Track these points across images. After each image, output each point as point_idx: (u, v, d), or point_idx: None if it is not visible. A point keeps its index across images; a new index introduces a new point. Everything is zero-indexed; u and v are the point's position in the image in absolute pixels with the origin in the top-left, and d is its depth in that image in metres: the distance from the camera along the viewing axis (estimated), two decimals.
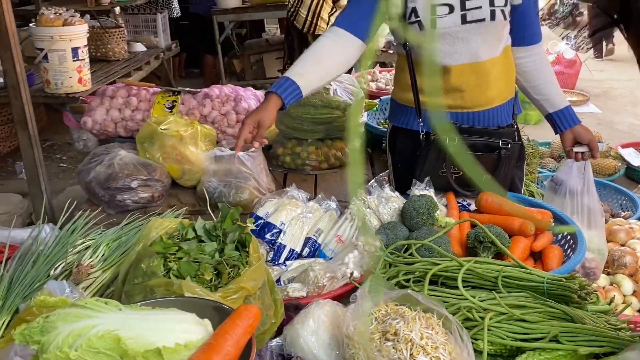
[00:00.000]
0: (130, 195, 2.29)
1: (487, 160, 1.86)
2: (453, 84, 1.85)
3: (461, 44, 1.81)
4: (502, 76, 1.90)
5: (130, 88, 2.69)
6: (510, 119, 1.98)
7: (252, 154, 2.38)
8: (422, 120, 1.92)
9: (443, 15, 1.78)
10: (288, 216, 1.73)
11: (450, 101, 1.88)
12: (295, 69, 1.81)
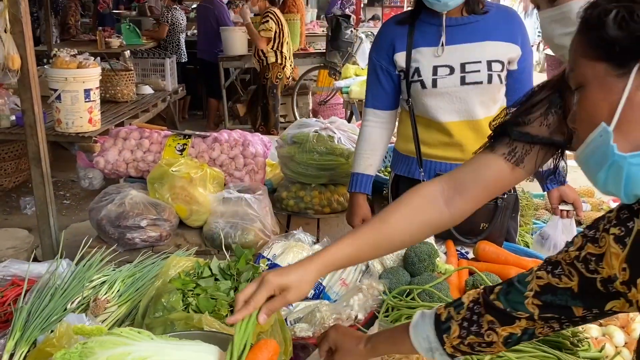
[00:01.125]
0: (140, 233, 2.37)
1: (485, 209, 1.95)
2: (453, 139, 1.97)
3: (459, 102, 1.93)
4: None
5: (143, 130, 2.80)
6: None
7: (258, 196, 2.48)
8: (423, 170, 2.03)
9: (444, 76, 1.91)
10: (295, 258, 1.81)
11: (451, 154, 2.00)
12: (361, 163, 2.09)
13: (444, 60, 1.91)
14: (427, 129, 2.01)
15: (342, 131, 2.90)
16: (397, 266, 1.77)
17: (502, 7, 2.11)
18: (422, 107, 1.98)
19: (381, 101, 2.06)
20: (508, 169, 1.14)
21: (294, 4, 7.76)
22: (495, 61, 1.91)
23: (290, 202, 2.76)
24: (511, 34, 1.94)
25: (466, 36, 1.91)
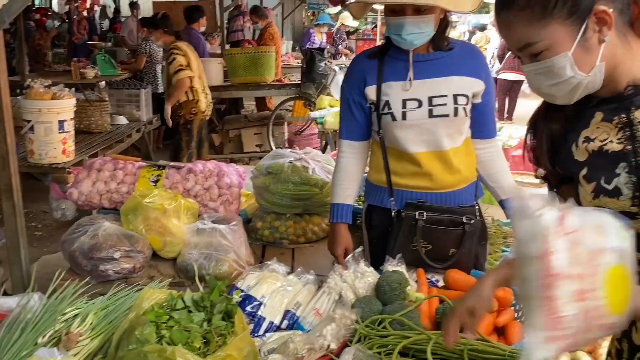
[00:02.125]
0: (113, 265, 2.35)
1: (453, 235, 2.02)
2: (422, 169, 2.04)
3: (427, 134, 2.01)
4: (463, 163, 2.09)
5: (117, 162, 2.81)
6: (472, 200, 2.15)
7: (232, 227, 2.49)
8: (394, 199, 2.09)
9: (413, 109, 1.99)
10: (268, 289, 1.83)
11: (420, 183, 2.07)
12: (340, 194, 2.17)
13: (412, 94, 1.99)
14: (398, 159, 2.08)
15: (317, 162, 2.95)
16: (369, 295, 1.80)
17: (466, 44, 2.21)
18: (393, 139, 2.05)
19: (355, 132, 2.14)
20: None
21: (271, 37, 7.90)
22: (461, 95, 2.00)
23: (265, 232, 2.77)
24: (475, 69, 2.04)
25: (433, 71, 2.00)
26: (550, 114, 1.24)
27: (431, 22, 1.92)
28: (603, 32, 1.07)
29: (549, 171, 1.26)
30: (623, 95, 1.12)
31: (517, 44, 1.12)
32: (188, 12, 6.98)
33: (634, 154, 1.10)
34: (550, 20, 1.07)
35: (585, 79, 1.09)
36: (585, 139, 1.17)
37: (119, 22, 13.63)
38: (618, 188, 1.11)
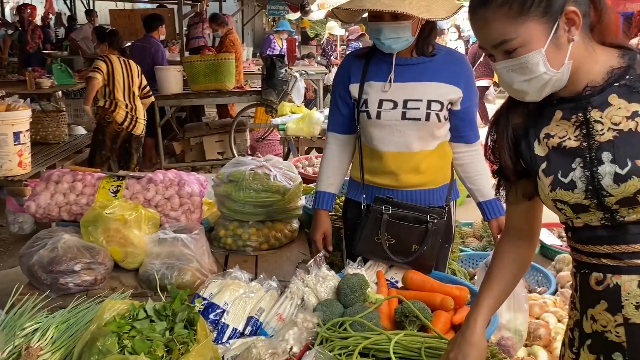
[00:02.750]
0: (73, 278, 2.33)
1: (416, 231, 2.10)
2: (389, 166, 2.14)
3: (399, 135, 2.10)
4: (434, 166, 2.17)
5: (75, 173, 2.78)
6: (442, 201, 2.22)
7: (194, 236, 2.50)
8: (365, 194, 2.20)
9: (387, 110, 2.08)
10: (231, 296, 1.85)
11: (386, 181, 2.17)
12: (323, 182, 2.32)
13: (390, 95, 2.09)
14: (370, 156, 2.19)
15: (278, 169, 2.97)
16: (331, 298, 1.84)
17: (450, 52, 2.25)
18: (368, 136, 2.16)
19: (339, 126, 2.27)
20: (529, 201, 1.37)
21: (232, 45, 7.89)
22: (435, 101, 2.07)
23: (228, 240, 2.78)
24: (454, 77, 2.10)
25: (413, 75, 2.09)
26: (514, 110, 1.31)
27: (408, 28, 1.99)
28: (572, 31, 1.15)
29: (508, 166, 1.33)
30: (581, 95, 1.20)
31: (493, 41, 1.18)
32: (147, 20, 6.93)
33: (589, 150, 1.18)
34: (527, 18, 1.13)
35: (555, 75, 1.16)
36: (545, 135, 1.25)
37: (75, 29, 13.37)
38: (573, 181, 1.19)
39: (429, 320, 1.68)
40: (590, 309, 1.25)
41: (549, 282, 3.35)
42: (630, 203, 1.15)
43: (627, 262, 1.18)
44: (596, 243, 1.22)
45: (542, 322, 2.61)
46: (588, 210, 1.20)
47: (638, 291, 1.17)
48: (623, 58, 1.20)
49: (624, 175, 1.13)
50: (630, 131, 1.14)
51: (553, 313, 2.73)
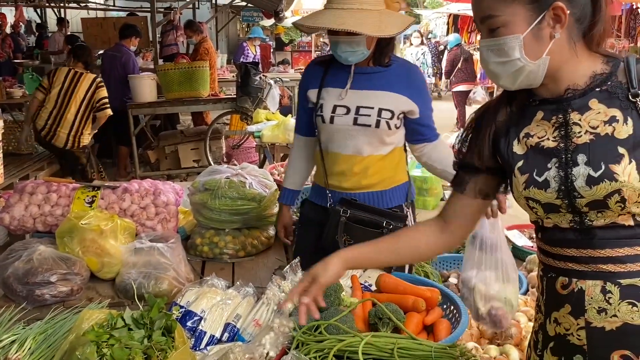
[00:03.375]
0: (50, 289, 2.33)
1: (371, 235, 2.13)
2: (341, 168, 2.26)
3: (350, 139, 2.22)
4: (384, 170, 2.29)
5: (50, 184, 2.78)
6: (399, 202, 2.34)
7: (171, 245, 2.51)
8: (331, 196, 2.32)
9: (340, 115, 2.20)
10: (208, 304, 1.88)
11: (335, 182, 2.30)
12: (288, 180, 2.53)
13: (345, 101, 2.20)
14: (326, 158, 2.30)
15: (253, 176, 3.01)
16: None
17: (405, 63, 2.36)
18: (323, 139, 2.28)
19: (304, 128, 2.41)
20: (480, 201, 1.42)
21: (206, 52, 7.90)
22: (386, 110, 2.18)
23: (204, 248, 2.80)
24: (407, 89, 2.21)
25: (368, 84, 2.19)
26: (499, 108, 1.36)
27: (363, 43, 2.10)
28: (556, 28, 1.19)
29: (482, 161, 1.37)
30: (563, 97, 1.24)
31: (481, 14, 1.23)
32: (122, 28, 6.95)
33: (565, 151, 1.22)
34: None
35: (529, 65, 1.20)
36: (525, 135, 1.29)
37: (46, 37, 13.20)
38: (547, 181, 1.23)
39: (402, 321, 1.73)
40: (555, 312, 1.30)
41: (521, 283, 3.43)
42: (599, 206, 1.19)
43: (592, 267, 1.22)
44: (564, 245, 1.26)
45: (514, 321, 2.69)
46: (559, 210, 1.24)
47: (601, 296, 1.21)
48: (607, 64, 1.24)
49: (597, 177, 1.17)
50: (606, 135, 1.18)
51: (524, 312, 2.81)
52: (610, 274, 1.21)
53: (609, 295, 1.21)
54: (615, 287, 1.20)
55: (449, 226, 1.47)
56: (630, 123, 1.17)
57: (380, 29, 2.04)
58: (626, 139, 1.16)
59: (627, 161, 1.15)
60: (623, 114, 1.18)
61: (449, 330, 1.81)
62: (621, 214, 1.19)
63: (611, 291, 1.21)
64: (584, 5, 1.20)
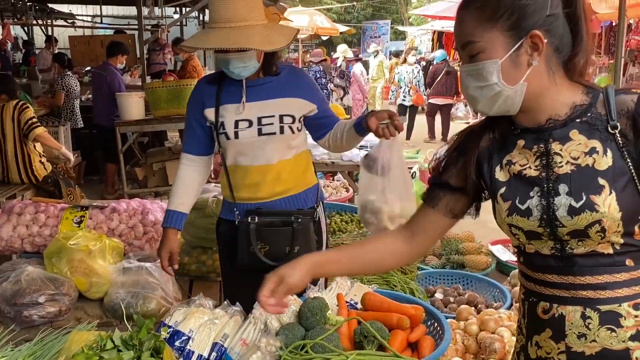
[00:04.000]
0: (38, 310, 2.34)
1: (284, 234, 2.24)
2: (253, 179, 2.28)
3: (258, 150, 2.25)
4: (293, 174, 2.33)
5: (38, 205, 2.80)
6: (311, 203, 2.38)
7: (159, 264, 2.54)
8: (237, 211, 2.31)
9: (244, 129, 2.23)
10: (196, 323, 1.90)
11: (253, 194, 2.30)
12: (173, 201, 2.36)
13: (244, 115, 2.23)
14: (235, 174, 2.31)
15: None
16: (293, 322, 1.91)
17: (291, 69, 2.42)
18: (230, 155, 2.30)
19: (194, 147, 2.36)
20: (448, 219, 1.45)
21: (194, 69, 7.95)
22: (287, 115, 2.25)
23: (192, 267, 2.83)
24: (300, 90, 2.29)
25: (262, 94, 2.25)
26: (482, 133, 1.39)
27: (253, 57, 2.16)
28: (533, 56, 1.22)
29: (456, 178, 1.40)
30: (544, 127, 1.27)
31: (462, 40, 1.27)
32: (110, 45, 6.98)
33: (547, 181, 1.25)
34: (494, 26, 1.21)
35: (506, 90, 1.23)
36: (507, 162, 1.32)
37: (33, 54, 13.19)
38: (530, 209, 1.26)
39: (386, 339, 1.77)
40: (536, 336, 1.33)
41: (505, 298, 3.49)
42: (580, 235, 1.22)
43: (573, 293, 1.25)
44: (545, 271, 1.29)
45: (497, 336, 2.73)
46: (540, 238, 1.27)
47: (581, 322, 1.24)
48: (587, 95, 1.26)
49: (578, 208, 1.20)
50: (587, 166, 1.21)
51: (507, 327, 2.86)
52: (590, 300, 1.24)
53: (588, 321, 1.24)
54: (595, 313, 1.24)
55: (414, 238, 1.48)
56: (609, 154, 1.20)
57: (270, 42, 2.10)
58: (606, 170, 1.20)
59: (608, 192, 1.19)
60: (603, 146, 1.21)
61: (432, 347, 1.85)
62: (601, 243, 1.22)
63: (591, 317, 1.24)
64: (562, 35, 1.24)
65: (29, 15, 12.03)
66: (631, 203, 1.19)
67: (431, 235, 1.49)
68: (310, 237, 2.26)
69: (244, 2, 2.09)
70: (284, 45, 2.13)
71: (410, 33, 20.76)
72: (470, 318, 3.05)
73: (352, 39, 26.93)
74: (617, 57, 4.54)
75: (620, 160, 1.20)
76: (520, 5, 1.20)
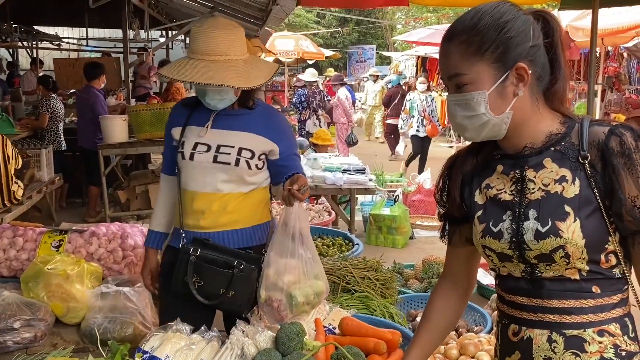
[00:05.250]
0: (12, 336, 2.31)
1: (223, 276, 2.17)
2: (199, 206, 2.24)
3: (210, 176, 2.22)
4: (243, 208, 2.25)
5: (16, 229, 2.78)
6: (260, 241, 2.29)
7: (137, 289, 2.52)
8: (183, 237, 2.25)
9: (200, 152, 2.21)
10: (172, 349, 1.89)
11: (195, 221, 2.25)
12: (153, 221, 2.41)
13: (205, 139, 2.22)
14: (185, 199, 2.27)
15: None
16: (270, 347, 1.90)
17: (268, 107, 2.43)
18: (184, 178, 2.27)
19: (168, 167, 2.38)
20: (470, 246, 1.45)
21: (178, 91, 7.98)
22: (246, 149, 2.22)
23: None
24: (268, 131, 2.25)
25: (230, 124, 2.24)
26: (466, 158, 1.43)
27: (230, 91, 2.15)
28: (519, 86, 1.26)
29: (456, 209, 1.43)
30: (521, 154, 1.32)
31: (448, 72, 1.30)
32: (88, 69, 6.94)
33: (519, 205, 1.29)
34: (480, 59, 1.25)
35: (493, 119, 1.27)
36: (486, 186, 1.36)
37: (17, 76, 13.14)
38: (501, 232, 1.31)
39: None
40: (507, 358, 1.36)
41: (485, 322, 3.49)
42: (546, 260, 1.26)
43: (540, 317, 1.29)
44: (517, 294, 1.33)
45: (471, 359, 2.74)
46: (511, 260, 1.31)
47: (547, 345, 1.28)
48: (563, 125, 1.31)
49: (544, 233, 1.24)
50: (555, 194, 1.25)
51: (487, 351, 2.86)
52: (556, 324, 1.27)
53: (554, 345, 1.27)
54: (560, 337, 1.27)
55: (455, 279, 1.52)
56: (577, 183, 1.24)
57: (248, 79, 2.10)
58: (572, 198, 1.24)
59: (572, 219, 1.22)
60: (572, 174, 1.25)
61: None
62: (568, 268, 1.25)
63: (556, 341, 1.27)
64: (543, 64, 1.29)
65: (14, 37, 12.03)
66: (596, 232, 1.23)
67: (467, 267, 1.52)
68: (250, 284, 2.16)
69: (226, 36, 2.10)
70: (260, 83, 2.12)
71: (395, 58, 21.05)
72: (450, 342, 3.05)
73: (338, 63, 27.26)
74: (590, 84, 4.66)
75: (587, 190, 1.23)
76: (505, 39, 1.24)
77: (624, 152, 1.21)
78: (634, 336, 1.28)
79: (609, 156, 1.22)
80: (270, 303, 1.98)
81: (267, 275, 2.00)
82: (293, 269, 1.98)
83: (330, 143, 7.78)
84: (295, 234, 1.97)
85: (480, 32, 1.24)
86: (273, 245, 2.03)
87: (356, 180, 5.58)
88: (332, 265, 2.77)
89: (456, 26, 1.29)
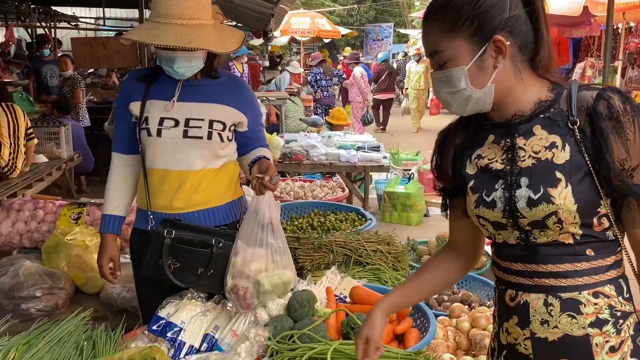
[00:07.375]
0: (35, 303, 2.40)
1: (201, 255, 2.04)
2: (171, 186, 2.11)
3: (181, 153, 2.08)
4: (215, 185, 2.15)
5: (37, 201, 2.85)
6: (234, 218, 2.21)
7: None
8: (152, 219, 2.13)
9: (169, 128, 2.07)
10: (188, 315, 1.94)
11: (166, 202, 2.12)
12: (108, 205, 2.20)
13: (172, 114, 2.08)
14: (153, 178, 2.13)
15: None
16: (282, 314, 1.96)
17: (232, 76, 2.29)
18: (150, 155, 2.12)
19: (124, 146, 2.20)
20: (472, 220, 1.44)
21: None
22: (217, 121, 2.09)
23: None
24: (236, 101, 2.14)
25: (196, 96, 2.10)
26: (457, 131, 1.44)
27: (200, 57, 2.03)
28: (498, 59, 1.27)
29: (450, 182, 1.45)
30: (511, 122, 1.33)
31: (429, 50, 1.32)
32: None
33: (511, 174, 1.30)
34: (457, 35, 1.26)
35: (475, 93, 1.28)
36: (477, 156, 1.37)
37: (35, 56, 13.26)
38: (494, 201, 1.32)
39: None
40: (505, 323, 1.38)
41: None
42: (540, 226, 1.27)
43: (536, 281, 1.31)
44: (512, 260, 1.35)
45: (487, 332, 2.77)
46: (506, 228, 1.33)
47: (543, 309, 1.30)
48: (552, 92, 1.31)
49: (536, 200, 1.25)
50: (546, 160, 1.26)
51: None
52: (552, 288, 1.29)
53: (550, 308, 1.29)
54: (556, 300, 1.29)
55: (460, 249, 1.52)
56: (567, 149, 1.25)
57: (223, 44, 2.00)
58: (563, 164, 1.25)
59: (564, 185, 1.24)
60: (562, 141, 1.26)
61: (418, 339, 1.90)
62: (561, 233, 1.27)
63: (552, 304, 1.29)
64: (525, 33, 1.29)
65: (33, 18, 12.11)
66: (587, 196, 1.24)
67: (470, 237, 1.51)
68: (228, 261, 2.01)
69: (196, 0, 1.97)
70: (235, 48, 2.03)
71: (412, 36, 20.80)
72: (462, 315, 3.09)
73: (354, 42, 27.02)
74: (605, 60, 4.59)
75: (577, 155, 1.24)
76: (480, 13, 1.24)
77: (612, 115, 1.21)
78: (628, 297, 1.30)
79: (598, 120, 1.22)
80: (236, 291, 1.91)
81: (234, 264, 1.93)
82: (261, 258, 1.91)
83: (346, 122, 7.77)
84: (265, 223, 1.91)
85: (455, 8, 1.25)
86: (241, 234, 1.95)
87: (370, 157, 5.59)
88: (344, 239, 2.80)
89: (433, 4, 1.30)
